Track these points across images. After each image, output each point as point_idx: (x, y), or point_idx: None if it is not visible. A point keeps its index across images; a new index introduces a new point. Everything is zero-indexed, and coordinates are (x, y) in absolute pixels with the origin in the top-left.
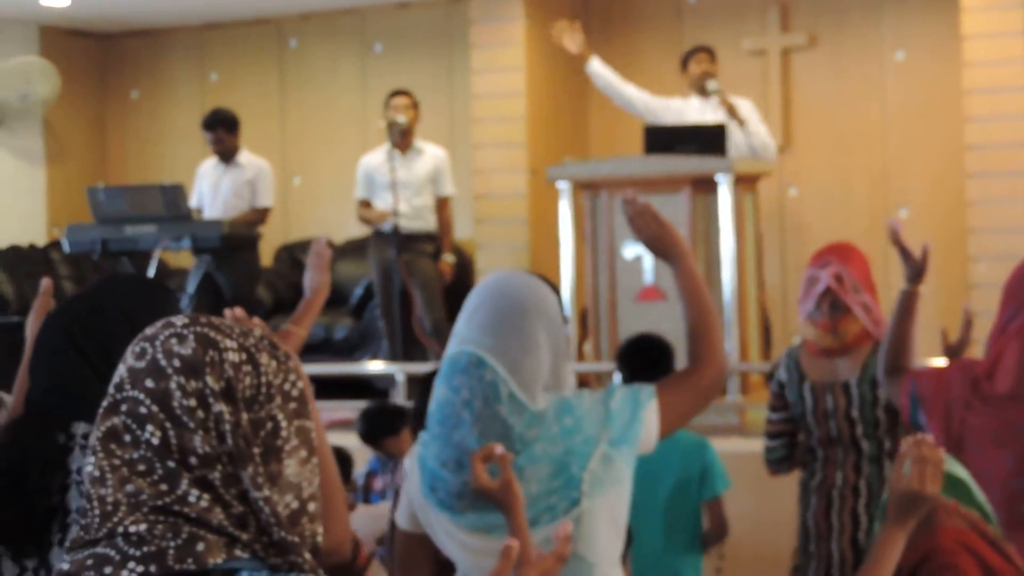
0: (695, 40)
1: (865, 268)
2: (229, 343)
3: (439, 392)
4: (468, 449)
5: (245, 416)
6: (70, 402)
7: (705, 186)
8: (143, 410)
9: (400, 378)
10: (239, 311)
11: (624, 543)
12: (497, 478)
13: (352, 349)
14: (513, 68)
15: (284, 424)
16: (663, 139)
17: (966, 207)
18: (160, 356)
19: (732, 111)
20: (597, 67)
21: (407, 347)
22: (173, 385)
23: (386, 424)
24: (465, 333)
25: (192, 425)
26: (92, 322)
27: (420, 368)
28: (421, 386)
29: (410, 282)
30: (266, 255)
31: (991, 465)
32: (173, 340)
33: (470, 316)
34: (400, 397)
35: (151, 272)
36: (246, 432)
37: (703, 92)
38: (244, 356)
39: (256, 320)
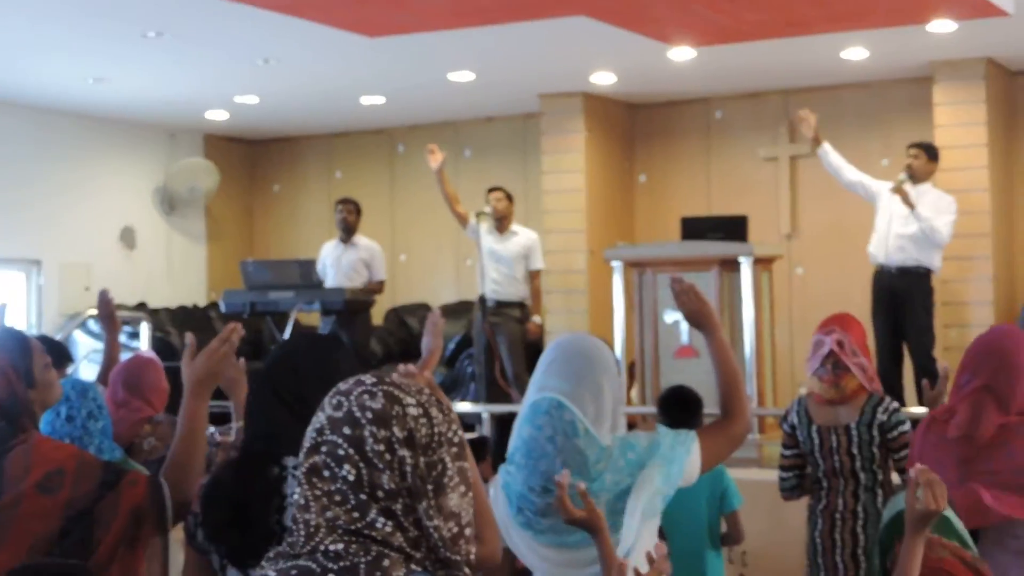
0: (722, 148)
1: (862, 335)
2: (409, 399)
3: (524, 430)
4: (552, 476)
5: (422, 460)
6: (278, 442)
7: (730, 266)
8: (341, 452)
9: (485, 416)
10: (410, 367)
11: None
12: (582, 508)
13: (446, 392)
14: (575, 170)
15: (450, 465)
16: (696, 228)
17: (941, 284)
18: (355, 408)
19: (904, 198)
20: (828, 151)
21: (490, 392)
22: (366, 433)
23: (473, 452)
24: (544, 381)
25: (381, 466)
26: (289, 378)
27: (501, 409)
28: (500, 428)
29: (496, 340)
30: (377, 316)
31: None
32: (365, 396)
33: (547, 368)
34: (485, 431)
35: (288, 328)
36: (422, 472)
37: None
38: (421, 410)
39: (427, 376)
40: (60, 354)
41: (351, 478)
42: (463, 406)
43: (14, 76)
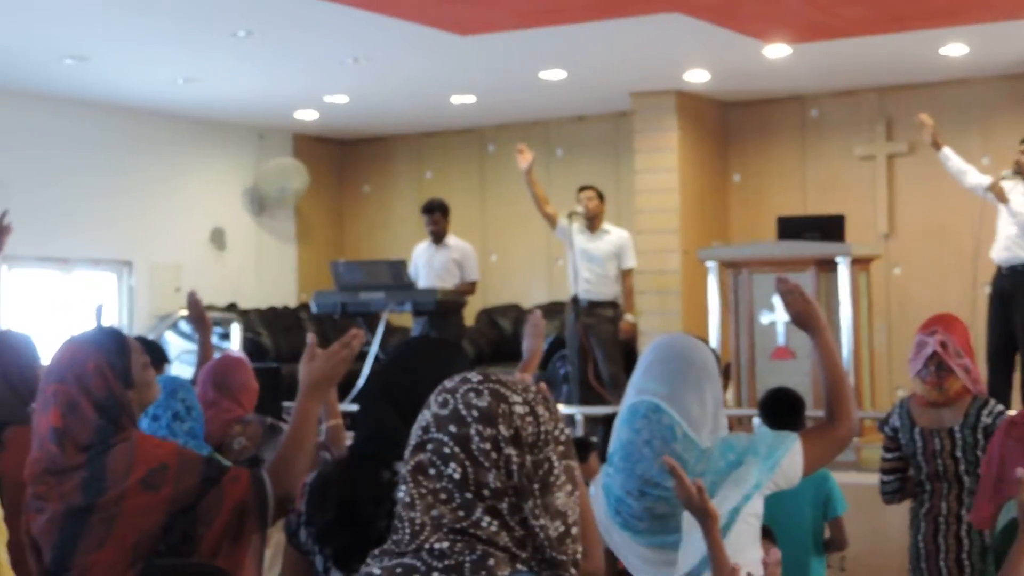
0: (818, 147)
1: (965, 336)
2: (516, 397)
3: (621, 433)
4: (650, 480)
5: (528, 458)
6: (389, 446)
7: (827, 266)
8: (447, 450)
9: (579, 418)
10: (527, 376)
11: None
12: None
13: None
14: (668, 169)
15: (556, 464)
16: (793, 227)
17: None
18: (461, 407)
19: (999, 194)
20: (949, 155)
21: (583, 393)
22: (472, 431)
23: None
24: (642, 384)
25: (487, 464)
26: (404, 381)
27: (595, 410)
28: (606, 427)
29: (589, 341)
30: (469, 317)
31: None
32: (471, 394)
33: (646, 370)
34: (579, 432)
35: (380, 330)
36: (528, 471)
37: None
38: (527, 408)
39: (527, 377)
40: (156, 355)
41: (457, 476)
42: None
43: (105, 77)
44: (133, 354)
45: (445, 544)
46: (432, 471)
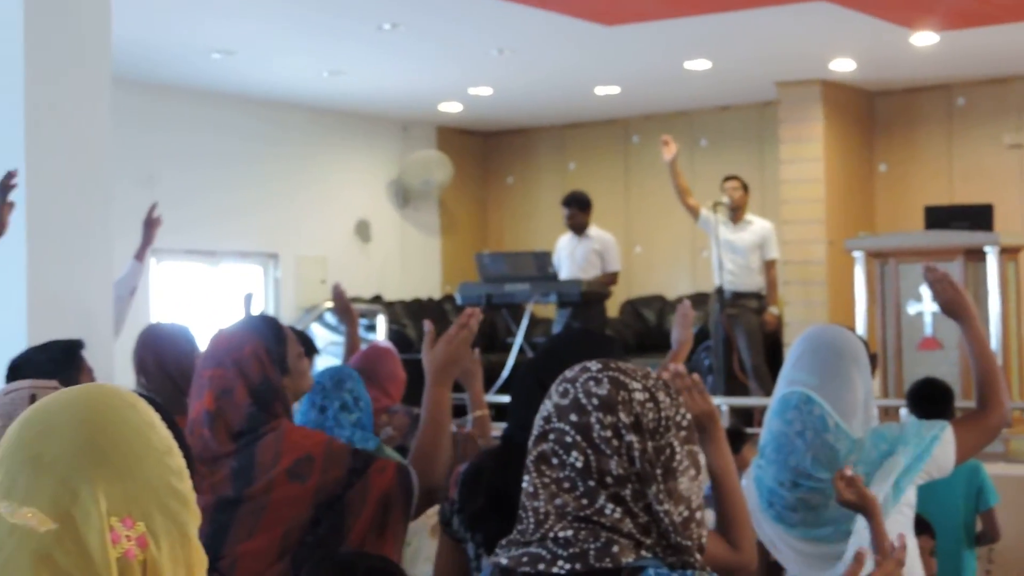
0: (964, 136)
1: None
2: (635, 384)
3: (773, 425)
4: (803, 471)
5: (650, 444)
6: None
7: (975, 256)
8: (568, 439)
9: (725, 409)
10: (677, 366)
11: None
12: (854, 493)
13: None
14: (814, 159)
15: (678, 449)
16: (940, 217)
17: None
18: (581, 395)
19: None
20: None
21: (728, 384)
22: (593, 419)
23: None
24: (793, 375)
25: (608, 452)
26: (557, 371)
27: (740, 401)
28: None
29: (734, 332)
30: (612, 308)
31: None
32: (591, 382)
33: (796, 361)
34: (724, 424)
35: (524, 321)
36: (650, 457)
37: None
38: (648, 395)
39: (679, 367)
40: (307, 346)
41: (579, 465)
42: None
43: (251, 72)
44: (289, 342)
45: (569, 532)
46: (555, 460)
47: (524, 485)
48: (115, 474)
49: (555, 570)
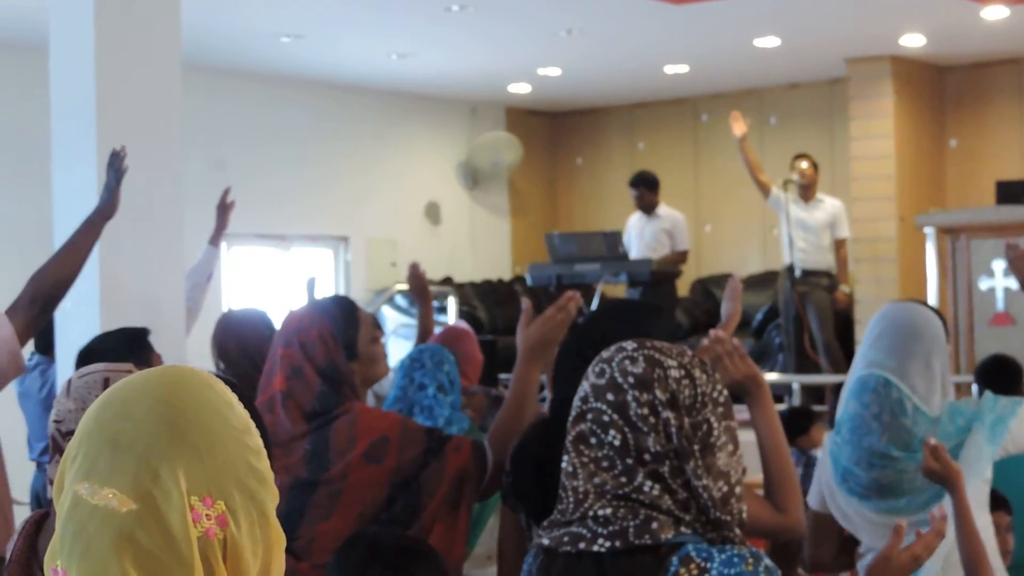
0: None
1: None
2: (671, 362)
3: (850, 406)
4: (877, 452)
5: (687, 420)
6: None
7: None
8: (606, 418)
9: (796, 387)
10: (717, 331)
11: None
12: (939, 464)
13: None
14: (884, 135)
15: (716, 424)
16: (1012, 192)
17: None
18: (617, 375)
19: None
20: None
21: (799, 362)
22: (629, 398)
23: (798, 425)
24: (871, 356)
25: (645, 429)
26: (601, 343)
27: (810, 379)
28: (836, 395)
29: (805, 310)
30: (683, 287)
31: None
32: (627, 361)
33: (875, 342)
34: (795, 401)
35: (595, 301)
36: (688, 433)
37: None
38: (683, 372)
39: (726, 335)
40: None
41: (617, 443)
42: (771, 376)
43: (319, 55)
44: (362, 327)
45: (609, 510)
46: (593, 440)
47: (563, 465)
48: (194, 453)
49: (595, 548)
